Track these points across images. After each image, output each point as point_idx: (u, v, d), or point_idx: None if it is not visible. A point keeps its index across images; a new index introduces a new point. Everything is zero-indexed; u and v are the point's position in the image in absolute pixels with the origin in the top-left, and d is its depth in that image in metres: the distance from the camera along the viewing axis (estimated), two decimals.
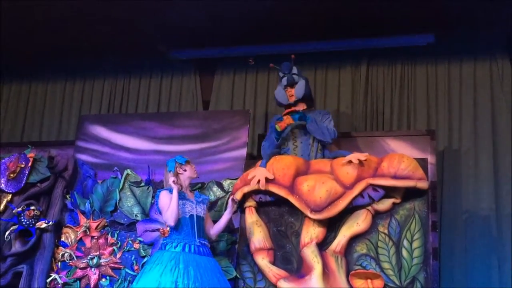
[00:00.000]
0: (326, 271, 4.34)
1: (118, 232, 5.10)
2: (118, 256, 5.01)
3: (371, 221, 4.43)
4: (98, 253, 5.03)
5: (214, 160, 5.25)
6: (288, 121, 4.79)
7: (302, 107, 5.04)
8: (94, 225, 5.13)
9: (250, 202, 4.67)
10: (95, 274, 4.98)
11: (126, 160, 5.42)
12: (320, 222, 4.43)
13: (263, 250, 4.53)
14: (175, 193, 4.31)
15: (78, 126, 5.79)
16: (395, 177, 4.39)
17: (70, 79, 6.79)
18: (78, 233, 5.14)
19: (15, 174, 5.27)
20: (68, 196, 5.28)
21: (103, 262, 5.00)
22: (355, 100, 5.99)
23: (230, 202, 4.53)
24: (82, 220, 5.17)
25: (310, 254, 4.40)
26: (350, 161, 4.45)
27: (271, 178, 4.54)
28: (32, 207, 5.14)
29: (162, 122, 5.54)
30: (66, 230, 5.19)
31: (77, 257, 5.07)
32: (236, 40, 5.90)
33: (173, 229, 4.35)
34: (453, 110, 5.76)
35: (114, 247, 5.04)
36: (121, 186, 5.21)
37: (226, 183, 5.09)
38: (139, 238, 5.02)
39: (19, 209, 5.12)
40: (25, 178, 5.27)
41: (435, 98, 5.83)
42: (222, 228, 4.57)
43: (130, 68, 6.58)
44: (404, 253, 4.36)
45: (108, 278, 4.96)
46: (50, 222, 5.11)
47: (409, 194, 4.45)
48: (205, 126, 5.43)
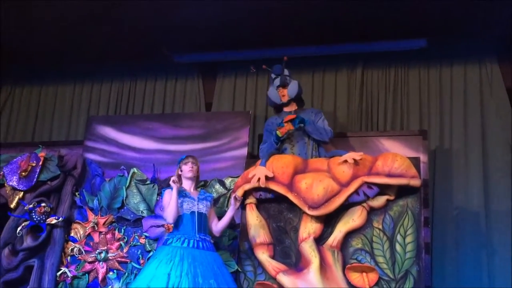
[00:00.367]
0: (323, 265, 4.37)
1: (125, 227, 5.16)
2: (125, 250, 5.09)
3: (366, 217, 4.46)
4: (105, 247, 5.11)
5: (216, 159, 5.31)
6: (288, 127, 4.82)
7: (294, 107, 5.08)
8: (102, 221, 5.20)
9: (250, 199, 4.69)
10: (103, 267, 5.05)
11: (133, 159, 5.47)
12: (317, 218, 4.46)
13: (263, 245, 4.56)
14: (174, 192, 4.39)
15: (86, 127, 5.84)
16: (389, 175, 4.40)
17: (78, 82, 6.85)
18: (87, 228, 5.21)
19: (27, 173, 5.31)
20: (77, 193, 5.35)
21: (111, 256, 5.07)
22: (351, 101, 6.04)
23: (232, 200, 4.53)
24: (91, 216, 5.24)
25: (308, 248, 4.43)
26: (346, 160, 4.47)
27: (271, 176, 4.56)
28: (43, 204, 5.19)
29: (166, 123, 5.59)
30: (75, 225, 5.26)
31: (85, 251, 5.15)
32: (236, 45, 5.97)
33: (174, 225, 4.44)
34: (444, 112, 5.82)
35: (121, 242, 5.12)
36: (127, 184, 5.27)
37: (228, 181, 5.16)
38: (145, 234, 5.09)
39: (31, 205, 5.17)
40: (36, 176, 5.31)
41: (427, 100, 5.89)
42: (225, 224, 4.59)
43: (136, 71, 6.65)
44: (397, 247, 4.39)
45: (115, 271, 5.05)
46: (60, 218, 5.18)
47: (402, 191, 4.47)
48: (207, 126, 5.49)
